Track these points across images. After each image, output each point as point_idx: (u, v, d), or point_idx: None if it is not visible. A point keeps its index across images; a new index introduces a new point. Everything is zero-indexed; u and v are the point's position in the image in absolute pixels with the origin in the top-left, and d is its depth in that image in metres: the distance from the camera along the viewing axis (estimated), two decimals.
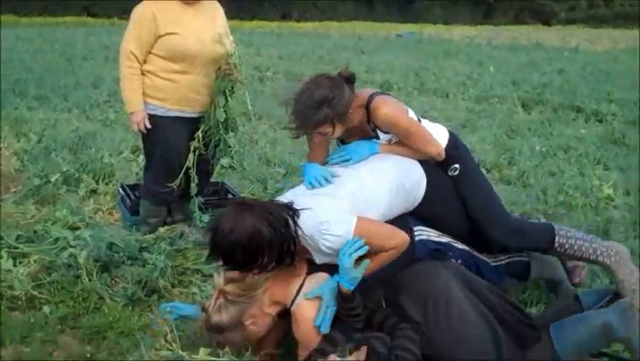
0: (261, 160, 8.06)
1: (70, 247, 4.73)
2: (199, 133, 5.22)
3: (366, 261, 3.56)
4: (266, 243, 3.56)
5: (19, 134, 8.73)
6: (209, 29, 5.13)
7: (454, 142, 4.19)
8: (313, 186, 3.86)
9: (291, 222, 3.66)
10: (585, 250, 4.13)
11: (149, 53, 5.04)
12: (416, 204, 4.09)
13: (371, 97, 3.97)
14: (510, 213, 4.37)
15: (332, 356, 3.56)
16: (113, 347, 3.97)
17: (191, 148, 5.22)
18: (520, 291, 4.59)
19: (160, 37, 4.99)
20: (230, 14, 6.06)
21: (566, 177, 7.67)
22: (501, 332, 3.80)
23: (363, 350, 3.62)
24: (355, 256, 3.53)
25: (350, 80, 3.94)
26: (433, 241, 4.12)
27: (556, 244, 4.15)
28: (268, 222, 3.57)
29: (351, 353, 3.55)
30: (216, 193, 6.11)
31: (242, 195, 6.17)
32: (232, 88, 5.17)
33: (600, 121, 11.26)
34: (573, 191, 7.02)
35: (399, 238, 3.76)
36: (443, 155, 4.07)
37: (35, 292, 4.42)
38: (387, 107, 3.95)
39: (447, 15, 52.73)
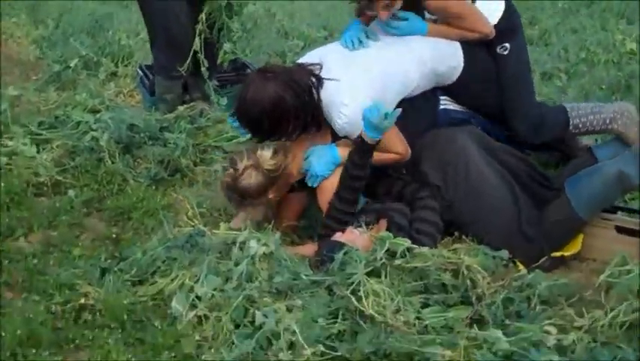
0: (279, 33, 7.99)
1: (92, 130, 4.74)
2: (202, 15, 5.14)
3: (398, 110, 3.56)
4: (290, 110, 3.61)
5: (36, 21, 8.66)
6: None
7: (509, 17, 4.08)
8: (347, 46, 3.85)
9: (314, 90, 3.66)
10: (596, 124, 4.08)
11: None
12: (449, 82, 4.07)
13: None
14: (537, 105, 4.29)
15: (350, 228, 3.63)
16: (137, 227, 4.06)
17: (197, 31, 5.16)
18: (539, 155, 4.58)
19: None
20: None
21: (588, 33, 7.56)
22: (519, 191, 3.84)
23: (383, 222, 3.68)
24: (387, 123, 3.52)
25: None
26: (456, 110, 4.12)
27: (571, 127, 4.12)
28: (292, 90, 3.61)
29: (369, 225, 3.61)
30: (235, 70, 6.09)
31: None
32: None
33: None
34: (595, 47, 6.93)
35: (404, 149, 3.81)
36: (493, 34, 3.99)
37: (60, 177, 4.47)
38: None
39: None
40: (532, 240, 3.70)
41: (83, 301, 3.24)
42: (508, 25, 4.03)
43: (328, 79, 3.68)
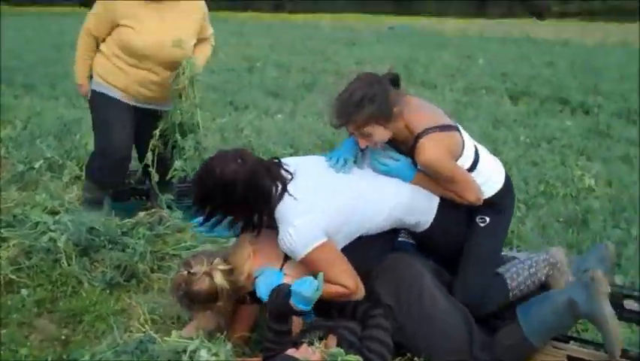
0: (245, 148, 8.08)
1: (50, 231, 4.74)
2: (156, 132, 5.30)
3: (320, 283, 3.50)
4: (238, 200, 3.60)
5: (4, 121, 8.74)
6: (172, 31, 5.10)
7: (503, 195, 3.98)
8: (330, 160, 3.84)
9: (273, 196, 3.68)
10: (533, 287, 4.02)
11: (109, 35, 5.10)
12: (412, 230, 4.01)
13: (422, 133, 3.69)
14: (485, 286, 4.01)
15: (302, 345, 3.60)
16: (88, 330, 4.02)
17: (149, 146, 5.30)
18: None
19: (117, 25, 5.04)
20: (224, 5, 6.11)
21: (548, 167, 7.74)
22: (472, 318, 3.85)
23: (333, 338, 3.66)
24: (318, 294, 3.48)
25: (394, 81, 3.74)
26: (413, 245, 4.13)
27: (510, 298, 3.99)
28: (249, 184, 3.58)
29: (320, 341, 3.59)
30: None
31: None
32: (194, 90, 5.21)
33: (586, 113, 11.33)
34: (554, 181, 7.08)
35: (354, 283, 3.71)
36: (481, 202, 3.87)
37: (14, 276, 4.44)
38: (432, 154, 3.68)
39: (440, 8, 52.68)
40: None
41: None
42: (498, 201, 3.95)
43: (290, 195, 3.69)
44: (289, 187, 3.69)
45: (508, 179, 4.02)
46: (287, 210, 3.65)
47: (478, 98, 12.43)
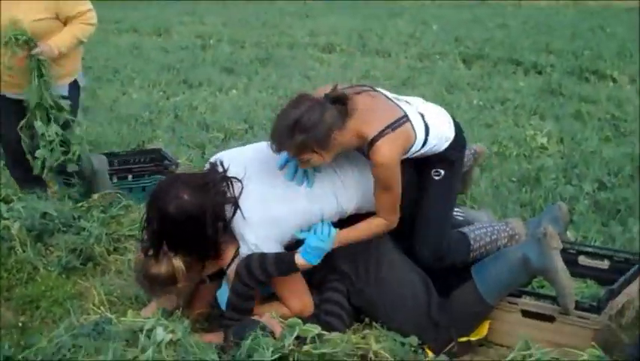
0: (199, 125, 8.09)
1: (4, 219, 4.71)
2: (22, 122, 5.14)
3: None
4: (190, 233, 3.65)
5: None
6: (10, 10, 4.93)
7: (453, 149, 3.97)
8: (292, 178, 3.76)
9: (228, 217, 3.70)
10: (491, 251, 4.08)
11: None
12: None
13: (376, 137, 3.61)
14: (446, 237, 4.07)
15: (265, 314, 3.64)
16: (45, 316, 4.02)
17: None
18: None
19: None
20: None
21: (501, 128, 7.82)
22: (429, 279, 3.90)
23: None
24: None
25: (339, 100, 3.62)
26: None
27: (470, 258, 4.06)
28: (198, 216, 3.61)
29: None
30: (153, 161, 6.12)
31: (179, 161, 6.17)
32: (41, 69, 4.99)
33: (539, 73, 11.40)
34: (507, 141, 7.16)
35: (304, 304, 3.78)
36: (394, 225, 3.82)
37: None
38: (387, 155, 3.62)
39: None
40: (440, 326, 3.74)
41: None
42: (450, 153, 3.95)
43: (242, 212, 3.68)
44: (240, 200, 3.70)
45: (457, 128, 4.03)
46: (242, 229, 3.69)
47: (432, 63, 12.47)
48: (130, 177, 5.78)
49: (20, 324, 3.91)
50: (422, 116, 3.85)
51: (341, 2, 25.43)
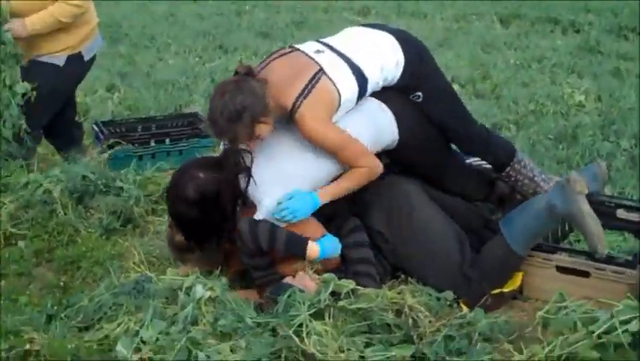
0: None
1: (43, 185, 4.77)
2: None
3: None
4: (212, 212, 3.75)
5: None
6: None
7: (411, 71, 3.93)
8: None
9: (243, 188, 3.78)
10: (529, 186, 4.14)
11: None
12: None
13: (295, 106, 3.65)
14: (477, 125, 4.24)
15: (298, 273, 3.69)
16: (86, 276, 4.11)
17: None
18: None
19: None
20: None
21: (538, 86, 7.76)
22: (464, 235, 3.92)
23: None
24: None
25: (250, 72, 3.68)
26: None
27: (515, 165, 4.12)
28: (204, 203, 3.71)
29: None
30: (190, 124, 6.19)
31: None
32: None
33: (577, 32, 11.22)
34: (544, 99, 7.11)
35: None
36: (379, 170, 3.86)
37: (14, 230, 4.49)
38: (313, 124, 3.66)
39: None
40: (473, 280, 3.76)
41: (28, 346, 3.23)
42: (413, 76, 3.93)
43: (253, 180, 3.76)
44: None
45: (409, 51, 3.95)
46: (258, 194, 3.75)
47: (469, 23, 12.32)
48: (167, 140, 5.82)
49: (62, 284, 4.01)
50: (348, 59, 3.82)
51: None
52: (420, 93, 3.97)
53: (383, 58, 3.87)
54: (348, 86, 3.76)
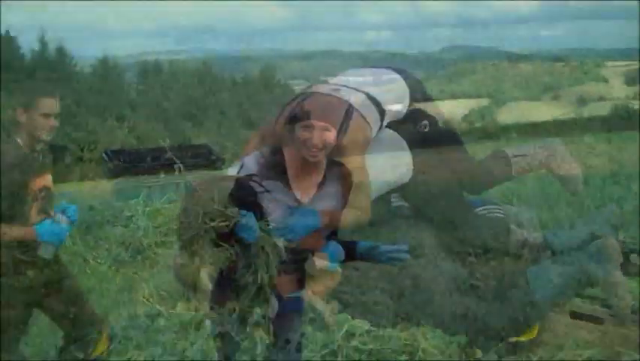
0: None
1: None
2: None
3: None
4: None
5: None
6: None
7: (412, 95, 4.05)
8: None
9: None
10: (531, 163, 4.13)
11: None
12: None
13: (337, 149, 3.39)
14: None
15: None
16: (95, 308, 4.05)
17: None
18: None
19: None
20: None
21: None
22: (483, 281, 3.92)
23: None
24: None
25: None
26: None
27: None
28: None
29: None
30: (198, 156, 6.20)
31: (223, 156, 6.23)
32: None
33: None
34: None
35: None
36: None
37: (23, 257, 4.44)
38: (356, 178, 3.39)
39: None
40: (490, 326, 3.72)
41: None
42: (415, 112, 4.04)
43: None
44: None
45: (410, 82, 4.14)
46: None
47: None
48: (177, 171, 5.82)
49: (71, 316, 3.95)
50: (366, 94, 3.87)
51: None
52: (426, 122, 4.04)
53: (390, 94, 3.99)
54: (375, 118, 3.89)
